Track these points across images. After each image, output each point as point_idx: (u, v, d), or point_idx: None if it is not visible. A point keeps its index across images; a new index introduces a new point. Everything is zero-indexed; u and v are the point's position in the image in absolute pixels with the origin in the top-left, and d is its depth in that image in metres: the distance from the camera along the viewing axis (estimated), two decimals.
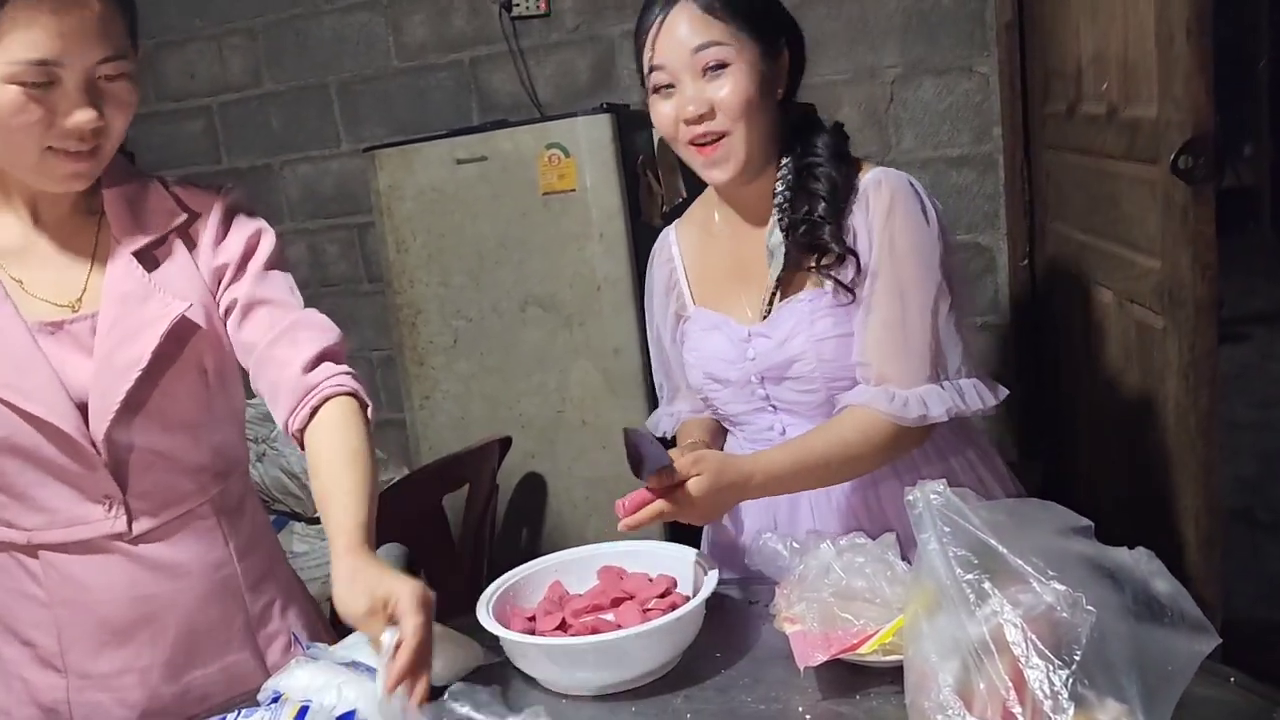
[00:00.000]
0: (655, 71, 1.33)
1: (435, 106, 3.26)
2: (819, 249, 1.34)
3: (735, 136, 1.32)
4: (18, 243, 1.21)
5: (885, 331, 1.31)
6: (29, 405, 1.14)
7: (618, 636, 1.13)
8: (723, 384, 1.45)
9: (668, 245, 1.55)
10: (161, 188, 1.28)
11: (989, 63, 2.68)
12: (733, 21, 1.30)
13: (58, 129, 1.09)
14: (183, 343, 1.21)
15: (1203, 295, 1.68)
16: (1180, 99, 1.64)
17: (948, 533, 0.96)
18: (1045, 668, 0.86)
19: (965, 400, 1.31)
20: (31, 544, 1.20)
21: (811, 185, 1.35)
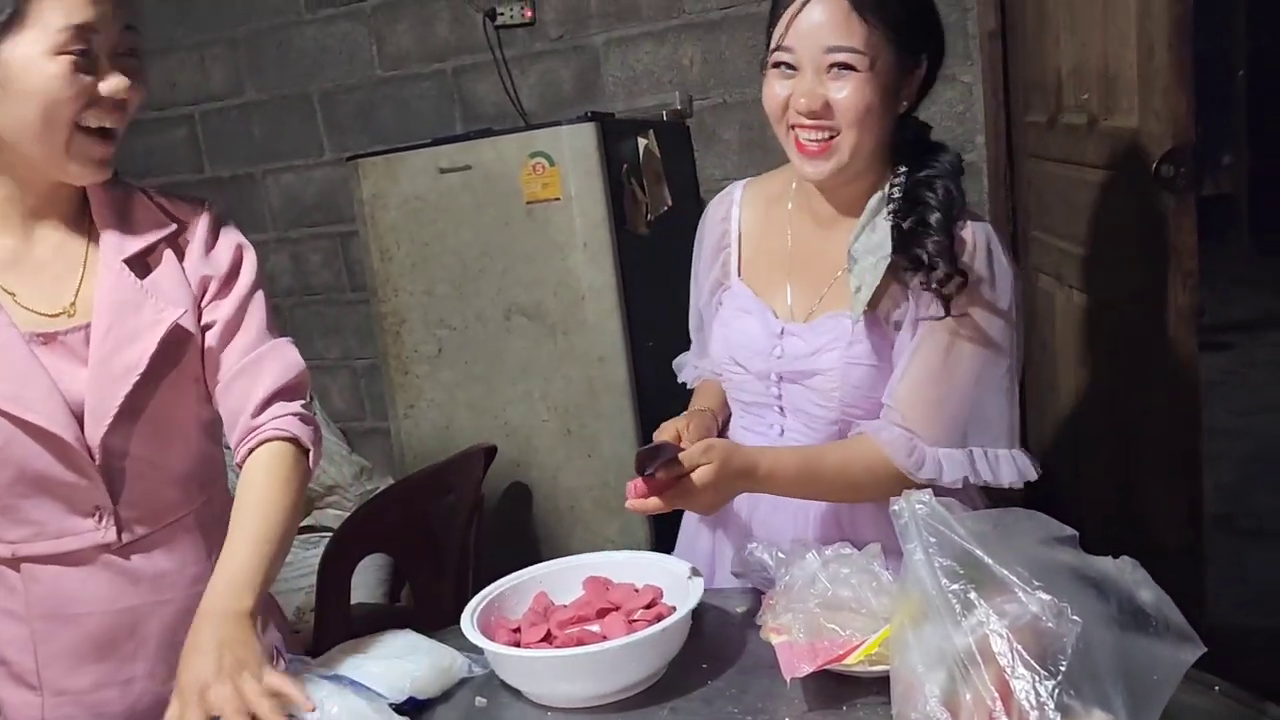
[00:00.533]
0: (780, 51, 1.27)
1: (419, 116, 3.26)
2: (927, 263, 1.25)
3: (843, 140, 1.26)
4: (8, 255, 1.20)
5: (926, 386, 1.28)
6: (27, 415, 1.14)
7: (603, 648, 1.12)
8: (742, 369, 1.42)
9: (729, 203, 1.50)
10: (145, 197, 1.28)
11: (972, 72, 2.70)
12: (876, 26, 1.23)
13: (95, 103, 1.12)
14: (176, 350, 1.21)
15: (1184, 304, 1.69)
16: (1160, 110, 1.65)
17: (933, 543, 0.96)
18: (1031, 678, 0.86)
19: (997, 473, 1.29)
20: (15, 556, 1.19)
21: (926, 195, 1.29)
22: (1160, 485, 1.82)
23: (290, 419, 1.23)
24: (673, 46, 2.94)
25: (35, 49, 1.07)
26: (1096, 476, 2.18)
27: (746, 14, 2.86)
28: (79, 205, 1.24)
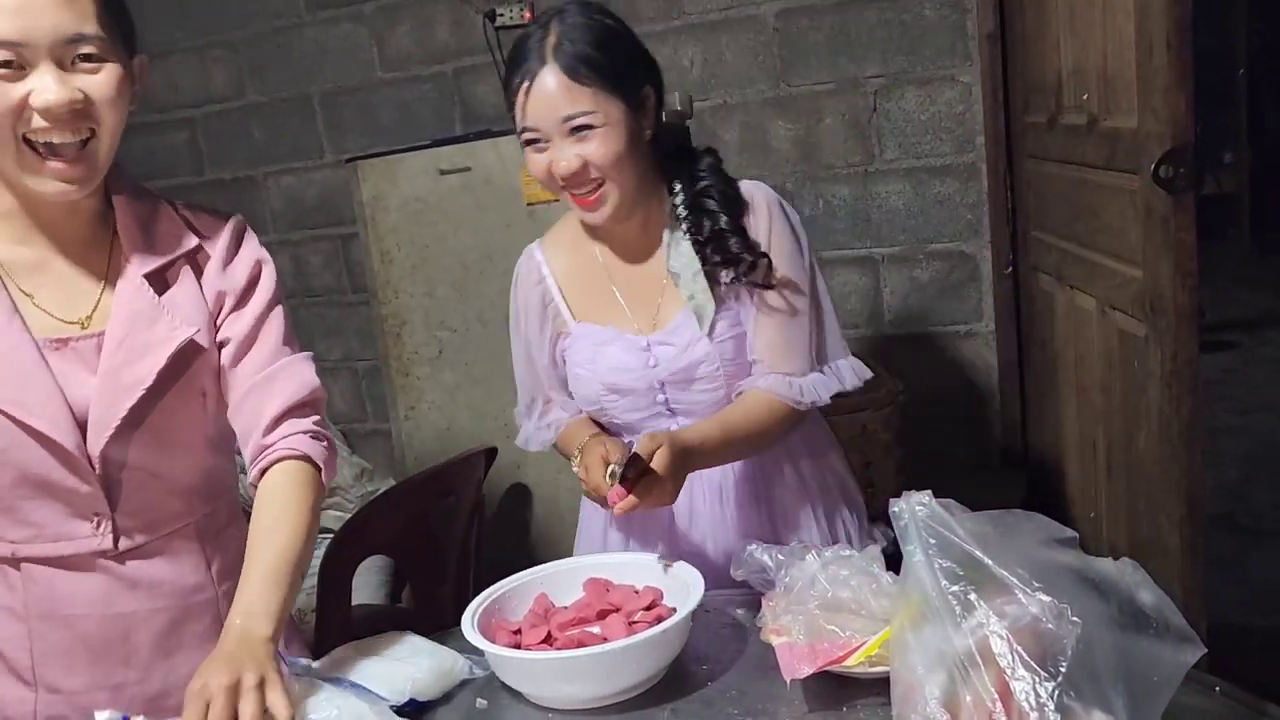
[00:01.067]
0: (527, 131, 1.38)
1: (419, 117, 3.26)
2: (734, 261, 1.43)
3: (609, 187, 1.39)
4: (33, 258, 1.20)
5: (777, 331, 1.46)
6: (30, 419, 1.14)
7: (604, 650, 1.12)
8: (622, 394, 1.50)
9: (536, 266, 1.56)
10: (171, 210, 1.28)
11: (971, 72, 2.70)
12: (598, 85, 1.34)
13: (28, 114, 1.08)
14: (186, 366, 1.21)
15: (1184, 303, 1.69)
16: (1160, 110, 1.65)
17: (933, 544, 0.96)
18: (1031, 679, 0.86)
19: (844, 380, 1.49)
20: (15, 556, 1.20)
21: (708, 204, 1.45)
22: (1161, 485, 1.82)
23: (301, 437, 1.24)
24: (673, 47, 2.94)
25: None
26: (1097, 476, 2.18)
27: (746, 15, 2.86)
28: (101, 217, 1.23)
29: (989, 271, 2.79)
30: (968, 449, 2.88)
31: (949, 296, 2.85)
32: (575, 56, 1.34)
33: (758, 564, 1.25)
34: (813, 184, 2.89)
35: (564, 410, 1.60)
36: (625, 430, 1.54)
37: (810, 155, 2.88)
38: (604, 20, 1.40)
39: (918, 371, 2.85)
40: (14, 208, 1.19)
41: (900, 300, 2.89)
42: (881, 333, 2.92)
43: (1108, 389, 2.05)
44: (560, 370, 1.56)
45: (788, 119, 2.88)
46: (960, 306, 2.84)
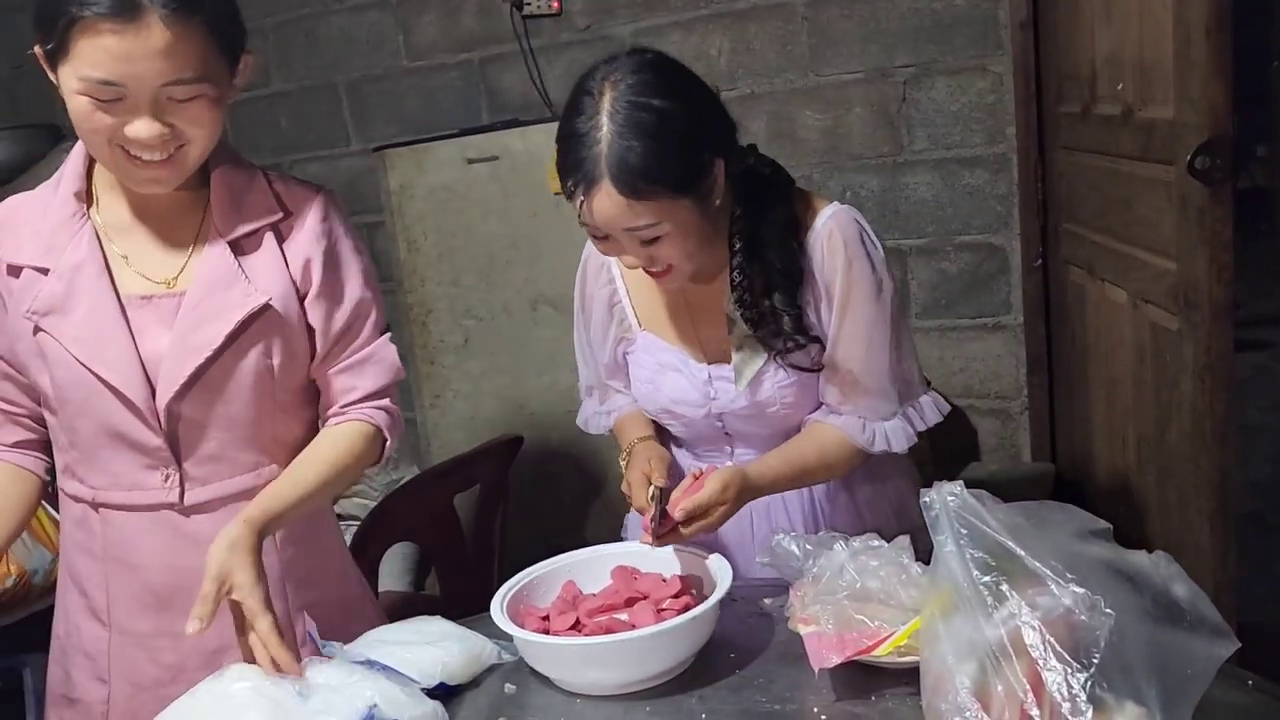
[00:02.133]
0: (590, 228, 1.29)
1: (445, 106, 3.26)
2: (782, 342, 1.37)
3: (680, 270, 1.33)
4: (129, 220, 1.28)
5: (851, 380, 1.38)
6: (106, 373, 1.22)
7: (633, 637, 1.13)
8: (679, 420, 1.48)
9: (607, 265, 1.49)
10: (264, 181, 1.33)
11: (1003, 62, 2.67)
12: (660, 197, 1.22)
13: (122, 137, 1.14)
14: (258, 331, 1.26)
15: (1219, 297, 1.67)
16: (1198, 100, 1.63)
17: (965, 535, 0.96)
18: (1063, 670, 0.86)
19: (925, 420, 1.42)
20: (95, 501, 1.29)
21: (767, 257, 1.36)
22: (1193, 480, 1.80)
23: (379, 411, 1.34)
24: (700, 37, 2.93)
25: (69, 82, 1.12)
26: (1127, 471, 2.16)
27: (774, 4, 2.84)
28: (199, 180, 1.29)
29: (1018, 264, 2.77)
30: (995, 443, 2.86)
31: (977, 289, 2.82)
32: (632, 173, 1.20)
33: (786, 553, 1.25)
34: (840, 174, 2.87)
35: (624, 396, 1.57)
36: (684, 448, 1.53)
37: (838, 145, 2.86)
38: (660, 104, 1.22)
39: (945, 364, 2.83)
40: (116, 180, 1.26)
41: (928, 292, 2.87)
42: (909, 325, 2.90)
43: (1139, 383, 2.03)
44: (622, 367, 1.53)
45: (816, 109, 2.86)
46: (989, 299, 2.82)
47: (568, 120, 1.26)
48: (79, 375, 1.23)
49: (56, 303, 1.24)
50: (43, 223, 1.27)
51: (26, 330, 1.25)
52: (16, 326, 1.27)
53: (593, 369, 1.58)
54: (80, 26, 1.08)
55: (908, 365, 1.42)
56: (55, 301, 1.24)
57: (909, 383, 1.42)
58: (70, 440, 1.29)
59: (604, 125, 1.21)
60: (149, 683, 1.30)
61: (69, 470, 1.32)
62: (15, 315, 1.26)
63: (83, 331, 1.23)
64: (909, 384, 1.42)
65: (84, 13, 1.07)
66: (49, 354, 1.24)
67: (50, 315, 1.24)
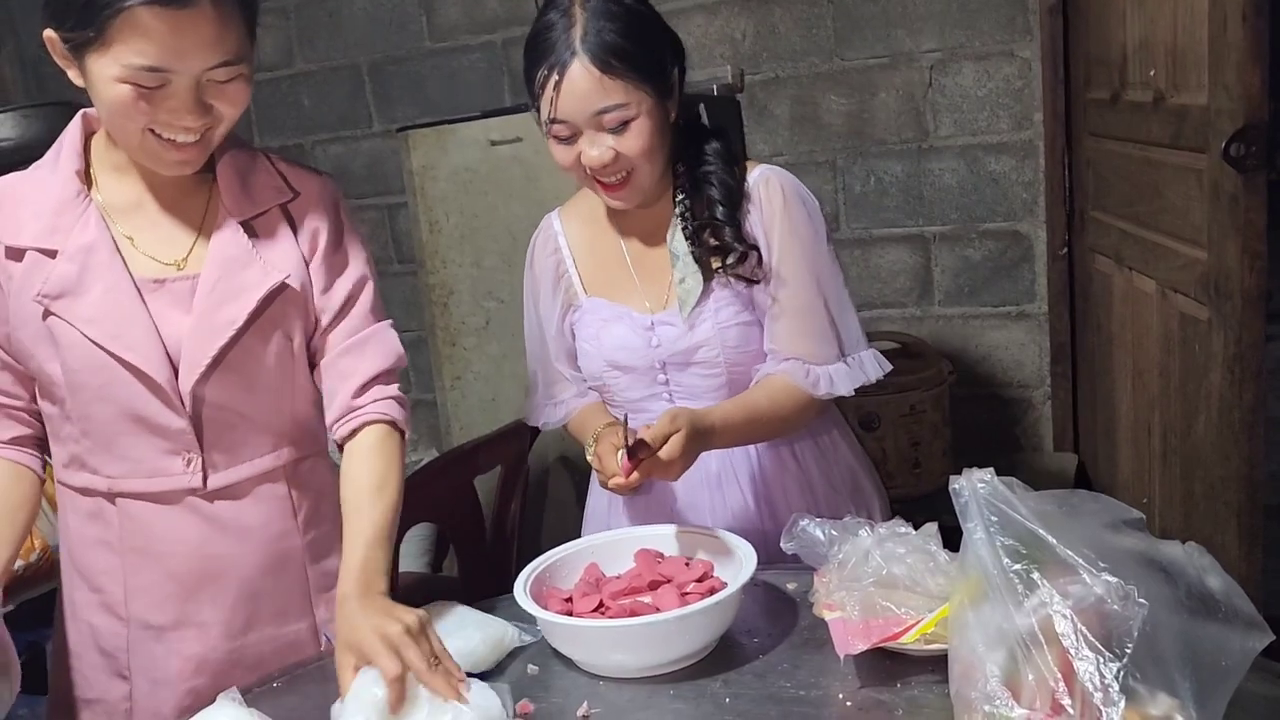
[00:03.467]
0: (557, 125, 1.34)
1: (467, 88, 3.26)
2: (723, 250, 1.40)
3: (638, 174, 1.37)
4: (132, 201, 1.26)
5: (796, 320, 1.41)
6: (127, 355, 1.20)
7: (658, 620, 1.12)
8: (624, 371, 1.48)
9: (553, 235, 1.55)
10: (268, 162, 1.33)
11: (1031, 47, 2.64)
12: (630, 77, 1.30)
13: (160, 121, 1.14)
14: (277, 310, 1.27)
15: (1250, 286, 1.65)
16: (1233, 86, 1.61)
17: (994, 522, 0.95)
18: (1096, 660, 0.85)
19: (866, 372, 1.44)
20: (112, 491, 1.26)
21: (708, 191, 1.42)
22: (1220, 471, 1.78)
23: (389, 402, 1.31)
24: (725, 19, 2.91)
25: (107, 70, 1.11)
26: (1152, 461, 2.14)
27: None
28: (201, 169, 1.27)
29: (1043, 252, 2.75)
30: (1017, 432, 2.84)
31: (1001, 277, 2.80)
32: (606, 48, 1.29)
33: (810, 538, 1.24)
34: (864, 160, 2.85)
35: (574, 386, 1.57)
36: (623, 409, 1.51)
37: (862, 130, 2.84)
38: (629, 4, 1.35)
39: (968, 352, 2.82)
40: (125, 159, 1.24)
41: (951, 279, 2.85)
42: (931, 313, 2.88)
43: (1165, 373, 2.02)
44: (569, 342, 1.55)
45: (840, 93, 2.84)
46: (1013, 287, 2.80)
47: (539, 20, 1.35)
48: (96, 358, 1.21)
49: (69, 285, 1.21)
50: (43, 202, 1.23)
51: (33, 315, 1.22)
52: (21, 312, 1.22)
53: (542, 351, 1.59)
54: (128, 15, 1.07)
55: (848, 317, 1.45)
56: (67, 284, 1.21)
57: (850, 331, 1.45)
58: (83, 429, 1.25)
59: (577, 14, 1.31)
60: (171, 677, 1.28)
61: (76, 462, 1.28)
62: (20, 300, 1.22)
63: (98, 313, 1.20)
64: (849, 333, 1.45)
65: (134, 1, 1.06)
66: (60, 338, 1.21)
67: (63, 298, 1.20)
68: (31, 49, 3.75)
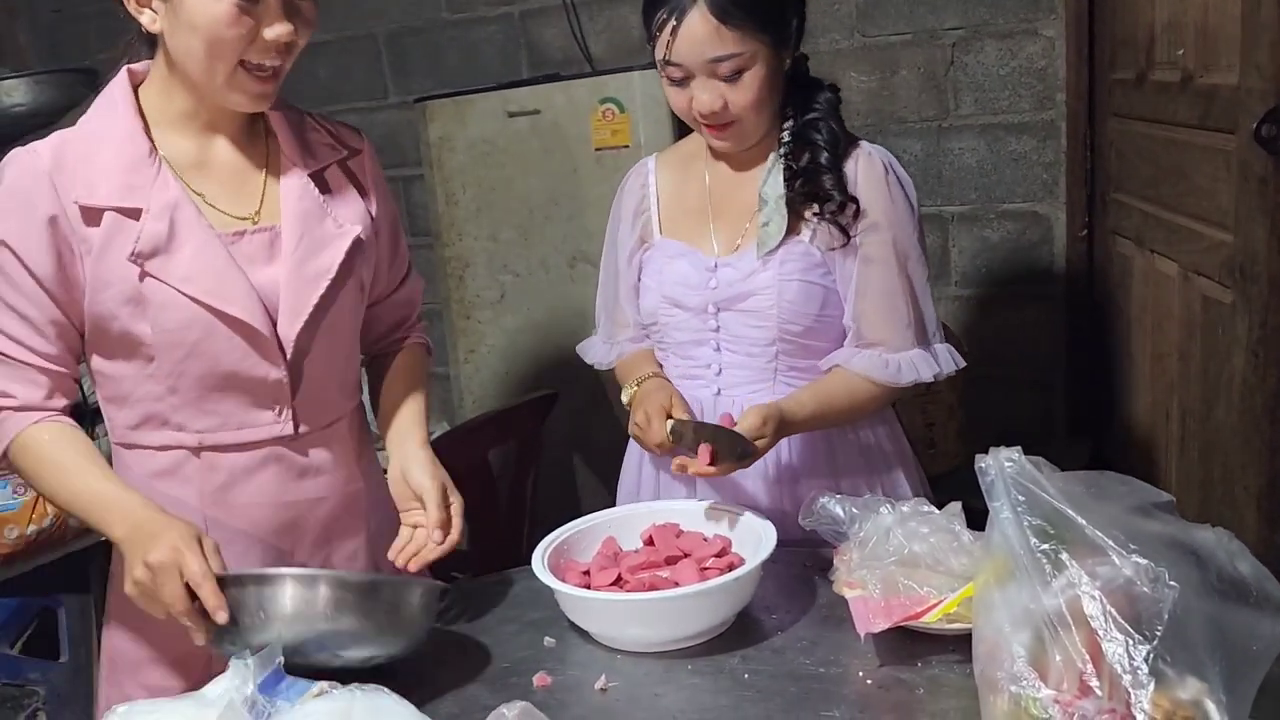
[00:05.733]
0: (670, 66, 1.36)
1: (484, 60, 3.23)
2: (822, 197, 1.40)
3: (745, 123, 1.39)
4: (193, 158, 1.26)
5: (884, 300, 1.41)
6: (229, 308, 1.21)
7: (678, 594, 1.12)
8: (679, 308, 1.48)
9: (644, 173, 1.58)
10: (314, 120, 1.36)
11: (1055, 26, 2.61)
12: (748, 27, 1.31)
13: (257, 44, 1.16)
14: (354, 263, 1.30)
15: (1277, 269, 1.63)
16: (1265, 66, 1.58)
17: (1022, 501, 0.94)
18: (1125, 641, 0.84)
19: (940, 364, 1.43)
20: (200, 445, 1.27)
21: (813, 136, 1.42)
22: (1241, 457, 1.77)
23: (420, 335, 1.51)
24: None
25: None
26: (1170, 445, 2.13)
27: None
28: (254, 120, 1.30)
29: (1063, 233, 2.72)
30: (1033, 414, 2.82)
31: (1020, 258, 2.78)
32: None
33: (829, 515, 1.23)
34: (883, 138, 2.82)
35: (632, 330, 1.60)
36: (671, 352, 1.53)
37: (882, 108, 2.81)
38: None
39: (985, 334, 2.80)
40: (183, 111, 1.25)
41: (969, 260, 2.83)
42: (949, 293, 2.86)
43: (1186, 357, 2.00)
44: (635, 279, 1.56)
45: (861, 70, 2.80)
46: (1032, 269, 2.77)
47: None
48: (194, 315, 1.20)
49: (160, 243, 1.19)
50: (111, 160, 1.20)
51: (123, 277, 1.19)
52: (106, 275, 1.19)
53: (611, 288, 1.62)
54: None
55: (929, 306, 1.45)
56: (159, 242, 1.19)
57: (929, 321, 1.45)
58: (169, 387, 1.23)
59: None
60: None
61: (155, 420, 1.26)
62: (105, 263, 1.19)
63: (193, 270, 1.20)
64: (929, 323, 1.45)
65: None
66: (154, 298, 1.19)
67: (156, 257, 1.19)
68: (45, 15, 3.73)
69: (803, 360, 1.45)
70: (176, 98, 1.24)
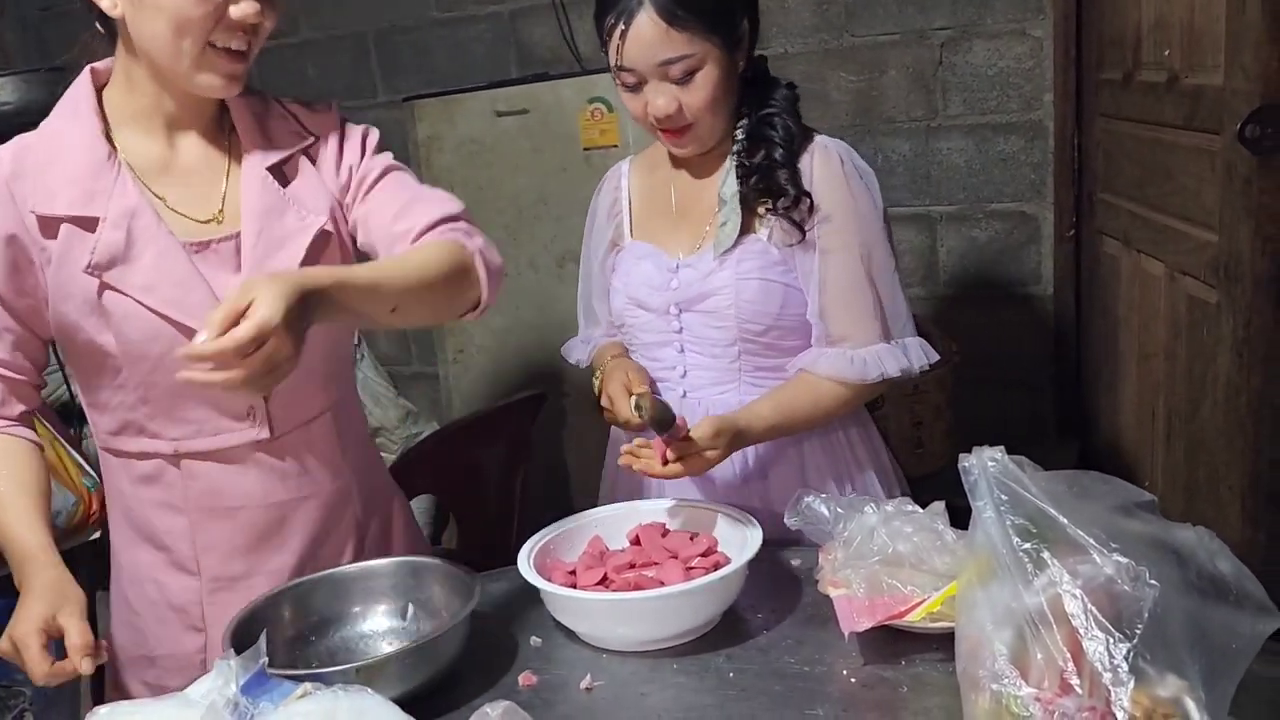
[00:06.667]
0: (624, 72, 1.36)
1: (473, 59, 3.22)
2: (775, 193, 1.39)
3: (700, 126, 1.39)
4: (155, 162, 1.24)
5: (846, 293, 1.39)
6: (190, 321, 1.17)
7: (663, 594, 1.12)
8: (643, 309, 1.49)
9: (619, 176, 1.59)
10: (280, 107, 1.32)
11: (1043, 26, 2.62)
12: (696, 28, 1.31)
13: (224, 23, 1.14)
14: (319, 254, 1.26)
15: (1262, 269, 1.63)
16: (1250, 66, 1.58)
17: (1005, 500, 0.94)
18: (1105, 639, 0.84)
19: (910, 358, 1.40)
20: (177, 453, 1.26)
21: (767, 133, 1.41)
22: (1224, 456, 1.78)
23: (458, 234, 1.23)
24: None
25: None
26: (1155, 445, 2.14)
27: None
28: (219, 114, 1.28)
29: (1050, 233, 2.73)
30: (1021, 414, 2.83)
31: (1008, 258, 2.79)
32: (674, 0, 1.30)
33: (815, 515, 1.23)
34: (872, 138, 2.83)
35: (604, 327, 1.63)
36: (639, 354, 1.54)
37: (871, 108, 2.82)
38: None
39: (973, 334, 2.80)
40: (146, 107, 1.22)
41: (957, 260, 2.83)
42: (936, 293, 2.87)
43: (1171, 357, 2.00)
44: (606, 280, 1.58)
45: (849, 70, 2.81)
46: (1019, 269, 2.78)
47: None
48: (156, 328, 1.18)
49: (118, 253, 1.17)
50: (71, 166, 1.18)
51: (82, 288, 1.17)
52: (66, 285, 1.18)
53: (585, 292, 1.66)
54: None
55: (897, 300, 1.43)
56: (116, 252, 1.17)
57: (897, 315, 1.43)
58: (140, 397, 1.23)
59: None
60: None
61: (132, 428, 1.26)
62: (63, 273, 1.17)
63: (153, 280, 1.18)
64: (897, 317, 1.43)
65: None
66: (115, 311, 1.18)
67: (114, 267, 1.17)
68: (32, 13, 3.72)
69: (768, 360, 1.44)
70: (139, 93, 1.21)
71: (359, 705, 0.97)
